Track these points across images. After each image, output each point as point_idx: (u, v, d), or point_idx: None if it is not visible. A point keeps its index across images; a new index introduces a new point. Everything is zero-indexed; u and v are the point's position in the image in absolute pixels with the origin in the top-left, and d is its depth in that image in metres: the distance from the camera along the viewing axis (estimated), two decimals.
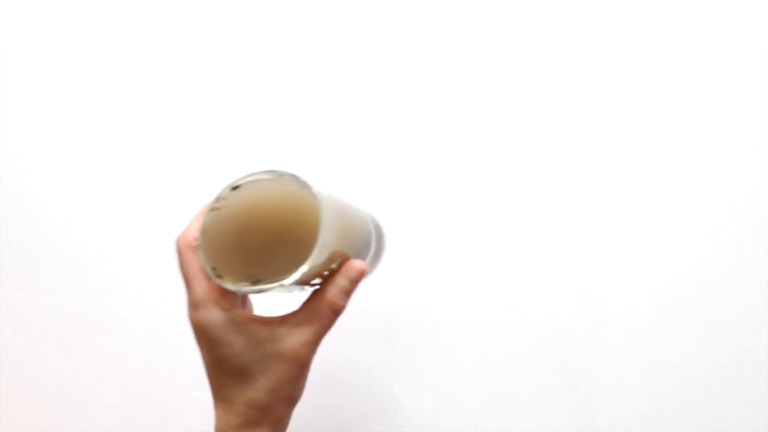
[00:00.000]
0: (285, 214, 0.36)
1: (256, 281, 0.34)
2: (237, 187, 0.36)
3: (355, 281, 0.38)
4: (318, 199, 0.34)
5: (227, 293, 0.37)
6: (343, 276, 0.37)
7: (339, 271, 0.37)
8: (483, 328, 0.58)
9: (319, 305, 0.37)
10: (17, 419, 0.67)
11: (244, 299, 0.41)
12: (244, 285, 0.34)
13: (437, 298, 0.59)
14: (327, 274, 0.37)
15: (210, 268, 0.35)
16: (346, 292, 0.37)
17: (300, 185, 0.34)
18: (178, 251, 0.38)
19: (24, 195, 0.68)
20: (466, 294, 0.58)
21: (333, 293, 0.37)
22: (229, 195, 0.36)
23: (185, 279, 0.38)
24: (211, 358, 0.37)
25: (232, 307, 0.37)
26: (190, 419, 0.62)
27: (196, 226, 0.37)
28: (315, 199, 0.34)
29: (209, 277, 0.35)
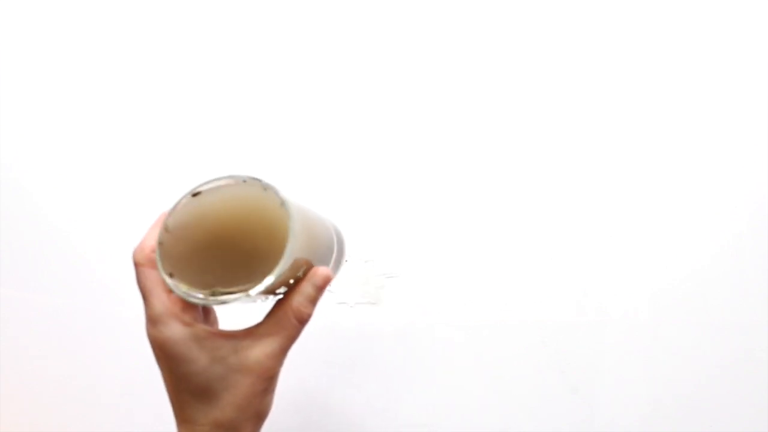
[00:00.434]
0: (249, 221, 0.34)
1: (218, 292, 0.33)
2: (197, 194, 0.34)
3: (321, 288, 0.37)
4: (286, 206, 0.32)
5: (188, 307, 0.35)
6: (309, 283, 0.36)
7: (304, 279, 0.36)
8: (483, 328, 0.58)
9: (285, 315, 0.36)
10: (17, 419, 0.67)
11: (206, 313, 0.40)
12: (205, 296, 0.33)
13: (437, 298, 0.59)
14: (292, 282, 0.36)
15: (169, 280, 0.33)
16: (311, 299, 0.36)
17: (266, 190, 0.33)
18: (134, 264, 0.36)
19: (24, 195, 0.68)
20: (465, 294, 0.58)
21: (299, 301, 0.36)
22: (189, 202, 0.34)
23: (143, 293, 0.36)
24: (172, 377, 0.35)
25: (193, 322, 0.35)
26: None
27: (153, 236, 0.35)
28: (283, 206, 0.32)
29: (169, 291, 0.34)
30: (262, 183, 0.33)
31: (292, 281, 0.36)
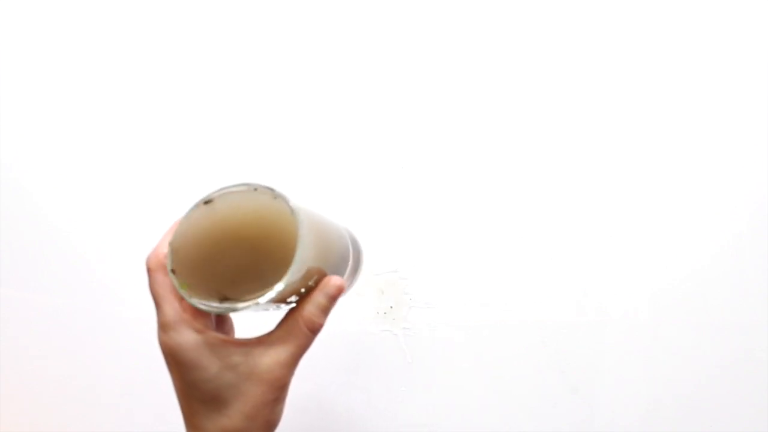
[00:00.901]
0: (260, 229, 0.34)
1: (229, 300, 0.33)
2: (209, 201, 0.34)
3: (333, 298, 0.36)
4: (296, 214, 0.32)
5: (200, 314, 0.35)
6: (321, 293, 0.36)
7: (316, 288, 0.36)
8: (483, 328, 0.58)
9: (296, 324, 0.35)
10: (17, 419, 0.67)
11: (222, 322, 0.40)
12: (216, 304, 0.33)
13: (436, 298, 0.59)
14: (304, 291, 0.35)
15: (180, 286, 0.33)
16: (323, 309, 0.36)
17: (276, 199, 0.33)
18: (147, 270, 0.36)
19: (24, 195, 0.68)
20: (465, 294, 0.58)
21: (310, 311, 0.35)
22: (201, 209, 0.34)
23: (155, 299, 0.35)
24: (183, 383, 0.35)
25: (205, 329, 0.35)
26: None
27: (167, 243, 0.35)
28: (292, 214, 0.32)
29: (181, 297, 0.34)
30: (272, 191, 0.33)
31: (303, 290, 0.35)
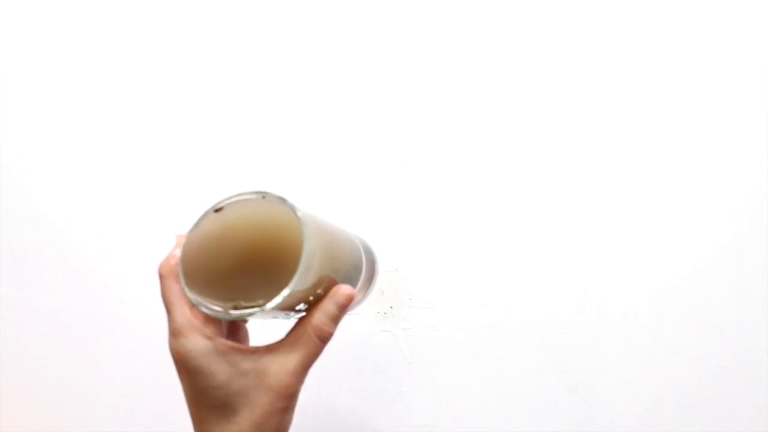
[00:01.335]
0: (269, 237, 0.34)
1: (237, 306, 0.33)
2: (219, 209, 0.34)
3: (343, 307, 0.36)
4: (302, 222, 0.32)
5: (210, 321, 0.35)
6: (330, 301, 0.36)
7: (326, 297, 0.36)
8: (483, 328, 0.58)
9: (305, 332, 0.35)
10: (17, 419, 0.67)
11: (235, 329, 0.40)
12: (224, 310, 0.33)
13: (436, 298, 0.59)
14: (313, 299, 0.35)
15: (190, 293, 0.33)
16: (333, 318, 0.36)
17: (284, 207, 0.33)
18: (159, 277, 0.36)
19: (24, 195, 0.69)
20: (465, 294, 0.58)
21: (319, 319, 0.35)
22: (212, 217, 0.34)
23: (166, 305, 0.36)
24: (192, 390, 0.35)
25: (215, 336, 0.35)
26: (190, 419, 0.62)
27: (178, 250, 0.35)
28: (299, 222, 0.32)
29: (192, 304, 0.34)
30: (280, 199, 0.33)
31: (312, 298, 0.35)
